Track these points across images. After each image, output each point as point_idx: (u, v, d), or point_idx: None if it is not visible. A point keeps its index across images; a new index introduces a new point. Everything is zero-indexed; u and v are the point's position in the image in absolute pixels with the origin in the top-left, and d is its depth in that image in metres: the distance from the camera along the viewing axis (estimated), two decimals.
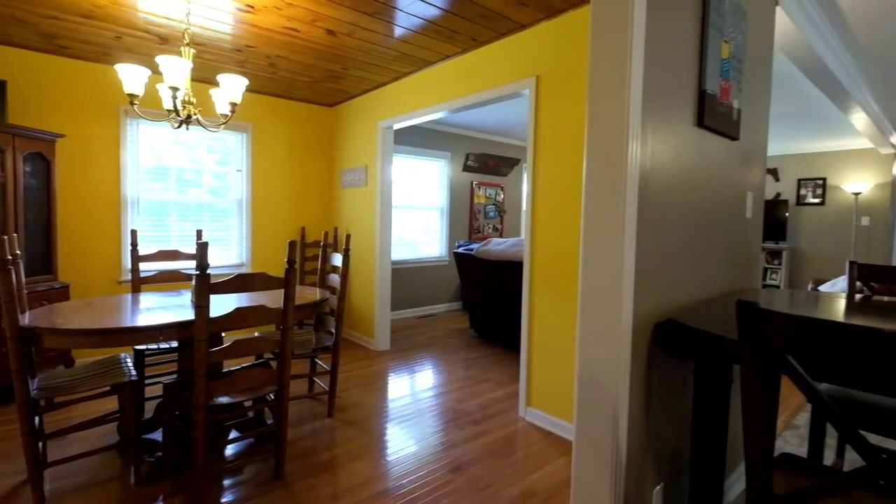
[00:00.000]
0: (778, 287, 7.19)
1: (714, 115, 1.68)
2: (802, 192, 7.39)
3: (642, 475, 1.38)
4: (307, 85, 4.13)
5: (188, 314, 1.90)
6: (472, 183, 6.51)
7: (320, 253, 3.40)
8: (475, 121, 5.75)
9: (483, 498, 1.92)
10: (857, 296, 1.93)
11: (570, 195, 2.56)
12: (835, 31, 3.02)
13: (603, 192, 1.28)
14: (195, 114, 2.37)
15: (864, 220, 6.84)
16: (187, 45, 2.39)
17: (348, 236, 2.90)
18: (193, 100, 2.36)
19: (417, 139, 5.78)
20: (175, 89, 2.11)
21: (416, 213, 5.95)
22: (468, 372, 3.60)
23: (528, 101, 2.86)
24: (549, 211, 2.67)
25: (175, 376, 2.44)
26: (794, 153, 7.48)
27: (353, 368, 3.61)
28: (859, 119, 4.69)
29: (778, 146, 7.05)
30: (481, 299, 4.58)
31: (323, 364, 2.95)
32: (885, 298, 1.98)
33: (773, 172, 7.71)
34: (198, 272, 1.66)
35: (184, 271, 2.80)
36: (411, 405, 2.91)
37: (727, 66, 1.76)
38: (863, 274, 1.94)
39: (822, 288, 4.47)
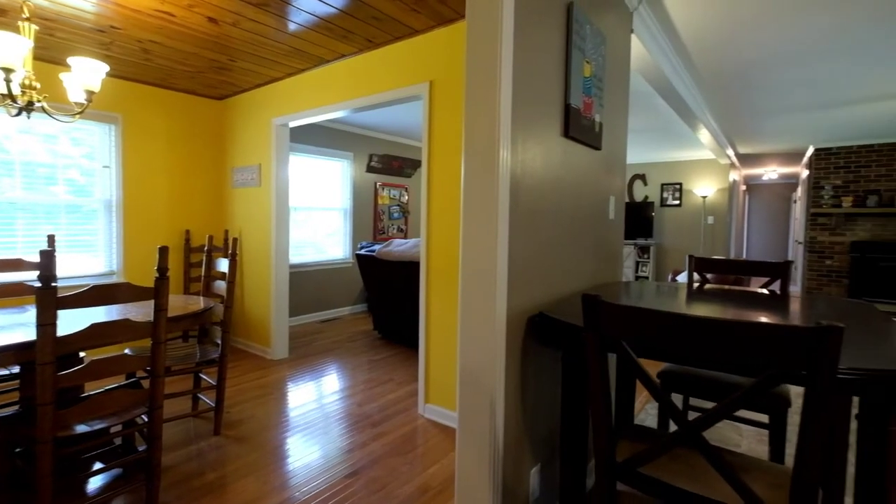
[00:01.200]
0: (647, 278, 8.20)
1: (578, 127, 1.89)
2: (665, 195, 8.52)
3: (519, 458, 1.51)
4: (189, 75, 3.79)
5: (33, 333, 1.65)
6: (375, 184, 6.47)
7: (204, 258, 3.15)
8: (378, 121, 5.73)
9: (379, 499, 1.94)
10: (696, 284, 2.29)
11: (460, 198, 2.68)
12: (680, 60, 3.53)
13: (478, 197, 1.37)
14: (39, 101, 2.06)
15: (710, 219, 8.10)
16: (27, 19, 2.06)
17: (235, 240, 2.73)
18: (37, 84, 2.05)
19: (318, 138, 5.60)
20: (8, 70, 1.82)
21: (318, 214, 5.76)
22: (371, 374, 3.58)
23: (422, 106, 2.93)
24: (444, 212, 2.77)
25: (17, 407, 2.10)
26: (658, 161, 8.58)
27: (245, 380, 3.40)
28: (704, 134, 5.53)
29: (645, 155, 8.03)
30: (384, 300, 4.58)
31: (209, 379, 2.74)
32: (722, 286, 2.38)
33: (642, 178, 8.78)
34: (40, 284, 1.45)
35: (31, 283, 2.41)
36: (309, 413, 2.82)
37: (589, 84, 1.98)
38: (698, 266, 2.31)
39: (680, 278, 5.19)
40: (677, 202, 8.38)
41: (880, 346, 1.11)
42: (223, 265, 2.78)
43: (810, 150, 6.94)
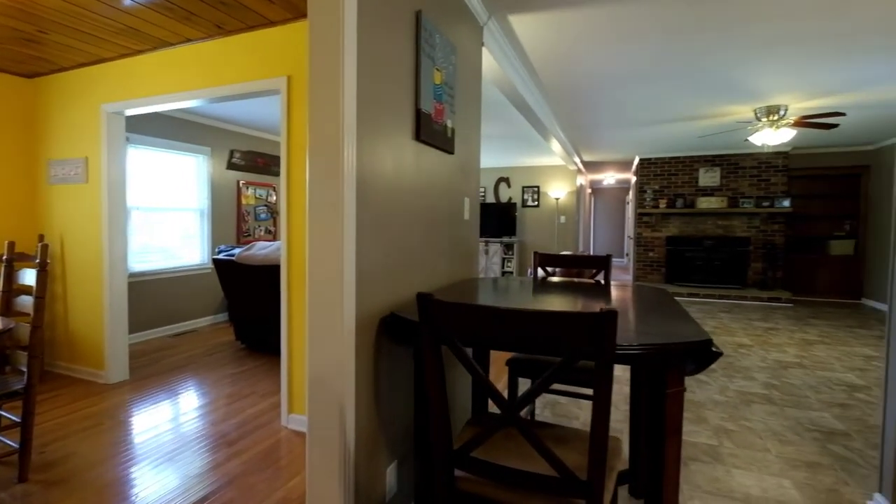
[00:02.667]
0: (512, 273, 8.93)
1: (430, 132, 1.97)
2: (525, 196, 9.35)
3: (374, 458, 1.52)
4: None
5: None
6: (238, 182, 5.95)
7: (2, 269, 2.57)
8: (240, 115, 5.26)
9: None
10: (541, 277, 2.56)
11: None
12: (528, 74, 3.91)
13: (323, 199, 1.35)
14: None
15: (562, 219, 9.12)
16: None
17: (45, 246, 2.28)
18: None
19: (167, 130, 4.95)
20: None
21: (169, 215, 5.09)
22: (232, 388, 3.29)
23: (281, 101, 2.78)
24: (303, 213, 2.66)
25: None
26: (519, 165, 9.37)
27: (69, 411, 2.86)
28: (554, 143, 6.20)
29: (509, 159, 8.72)
30: (247, 308, 4.24)
31: (11, 416, 2.24)
32: (565, 279, 2.68)
33: (506, 181, 9.52)
34: None
35: None
36: (152, 441, 2.49)
37: (440, 91, 2.08)
38: (541, 261, 2.58)
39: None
40: (536, 203, 9.27)
41: (662, 325, 1.36)
42: (28, 277, 2.30)
43: (637, 160, 8.23)
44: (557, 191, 9.07)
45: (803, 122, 4.59)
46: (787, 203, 7.03)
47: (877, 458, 2.26)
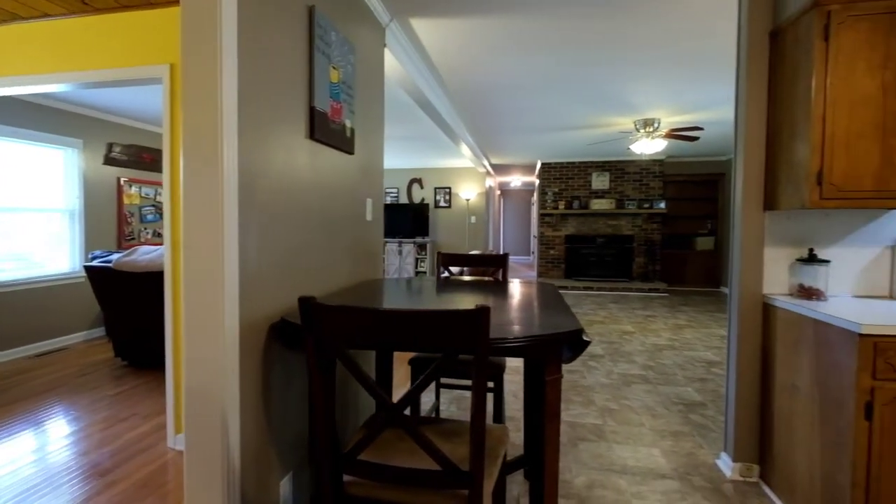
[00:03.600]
0: (425, 273, 9.03)
1: (327, 131, 1.93)
2: (438, 197, 9.52)
3: (266, 470, 1.46)
4: None
5: None
6: (119, 179, 5.29)
7: None
8: (120, 104, 4.67)
9: None
10: (446, 276, 2.63)
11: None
12: (433, 78, 3.98)
13: (200, 199, 1.26)
14: None
15: (473, 219, 9.44)
16: None
17: None
18: None
19: (21, 117, 4.24)
20: None
21: (29, 217, 4.36)
22: (109, 411, 2.92)
23: (162, 91, 2.53)
24: None
25: None
26: (432, 167, 9.51)
27: None
28: (463, 146, 6.39)
29: (421, 161, 8.80)
30: (129, 320, 3.80)
31: None
32: (476, 278, 2.77)
33: (419, 182, 9.62)
34: None
35: None
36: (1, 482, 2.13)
37: (337, 90, 2.04)
38: (444, 261, 2.65)
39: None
40: (448, 204, 9.47)
41: (544, 318, 1.47)
42: None
43: (539, 164, 8.77)
44: (468, 192, 9.35)
45: (672, 134, 5.24)
46: (662, 205, 7.97)
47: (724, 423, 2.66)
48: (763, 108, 2.12)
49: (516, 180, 12.21)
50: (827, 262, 1.94)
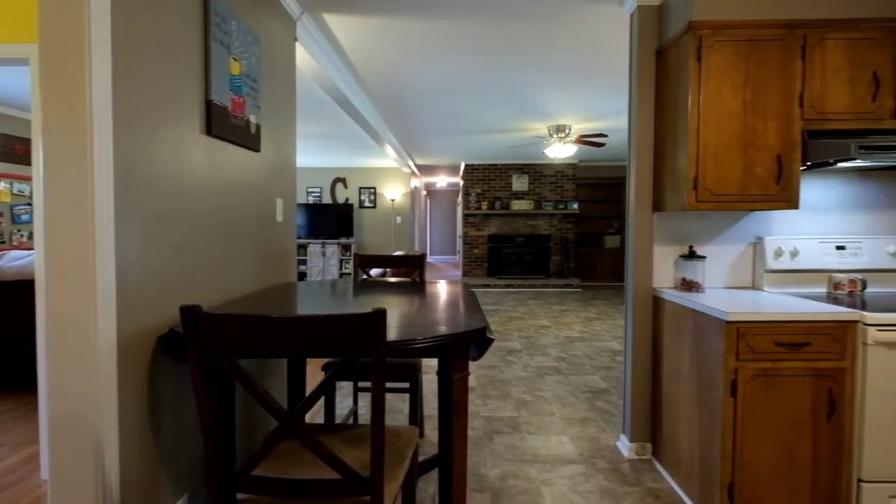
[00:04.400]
0: (349, 274, 8.84)
1: (227, 126, 1.80)
2: (362, 197, 9.36)
3: (153, 497, 1.33)
4: None
5: None
6: None
7: None
8: None
9: None
10: (362, 278, 2.58)
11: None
12: (352, 76, 3.90)
13: (65, 205, 1.12)
14: None
15: (398, 219, 9.41)
16: None
17: None
18: None
19: None
20: None
21: None
22: None
23: (31, 75, 2.21)
24: None
25: None
26: (356, 166, 9.32)
27: None
28: (387, 146, 6.33)
29: (344, 160, 8.59)
30: None
31: None
32: (388, 279, 2.74)
33: (343, 181, 9.38)
34: None
35: None
36: None
37: (239, 83, 1.92)
38: (362, 262, 2.61)
39: (373, 272, 5.74)
40: (373, 204, 9.34)
41: (454, 317, 1.49)
42: None
43: (463, 165, 8.95)
44: (393, 192, 9.28)
45: (581, 140, 5.60)
46: (576, 206, 8.51)
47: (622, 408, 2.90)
48: (651, 119, 2.34)
49: (442, 181, 12.36)
50: (703, 257, 2.19)
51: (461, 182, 9.42)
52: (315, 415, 2.75)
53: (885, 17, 1.97)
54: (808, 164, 2.01)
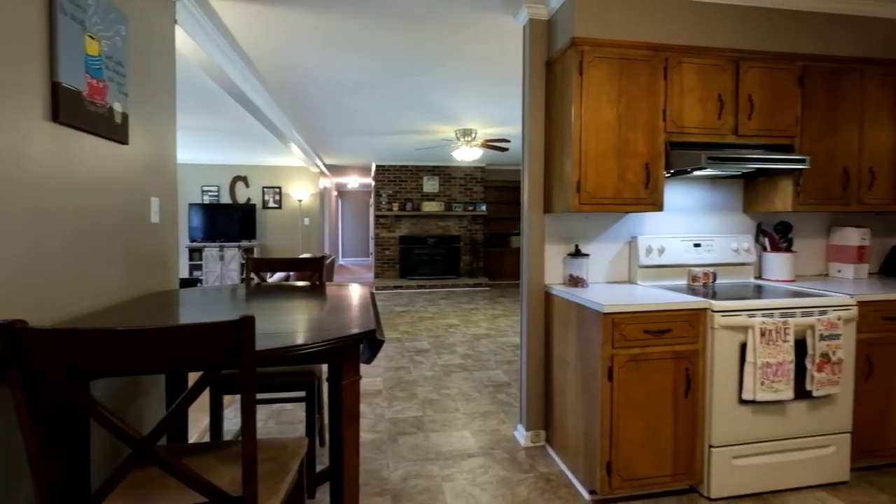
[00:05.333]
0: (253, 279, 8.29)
1: (81, 114, 1.58)
2: (266, 197, 8.82)
3: None
4: None
5: None
6: None
7: None
8: None
9: None
10: (256, 283, 2.42)
11: None
12: (248, 68, 3.65)
13: None
14: None
15: (306, 221, 9.02)
16: None
17: None
18: None
19: None
20: None
21: None
22: None
23: None
24: None
25: None
26: (258, 164, 8.76)
27: None
28: (292, 144, 6.02)
29: (245, 157, 8.02)
30: None
31: None
32: (278, 283, 2.59)
33: (244, 180, 8.76)
34: None
35: None
36: None
37: (99, 65, 1.69)
38: (256, 266, 2.45)
39: (274, 278, 5.45)
40: (277, 205, 8.85)
41: (341, 321, 1.45)
42: None
43: (374, 166, 8.84)
44: (300, 192, 8.87)
45: (486, 144, 5.82)
46: (484, 207, 8.83)
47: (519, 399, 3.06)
48: (542, 126, 2.49)
49: (354, 181, 12.08)
50: (587, 255, 2.38)
51: (373, 183, 9.29)
52: (205, 433, 2.53)
53: (726, 48, 2.30)
54: (672, 171, 2.28)
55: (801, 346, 1.97)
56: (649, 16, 2.25)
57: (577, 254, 2.38)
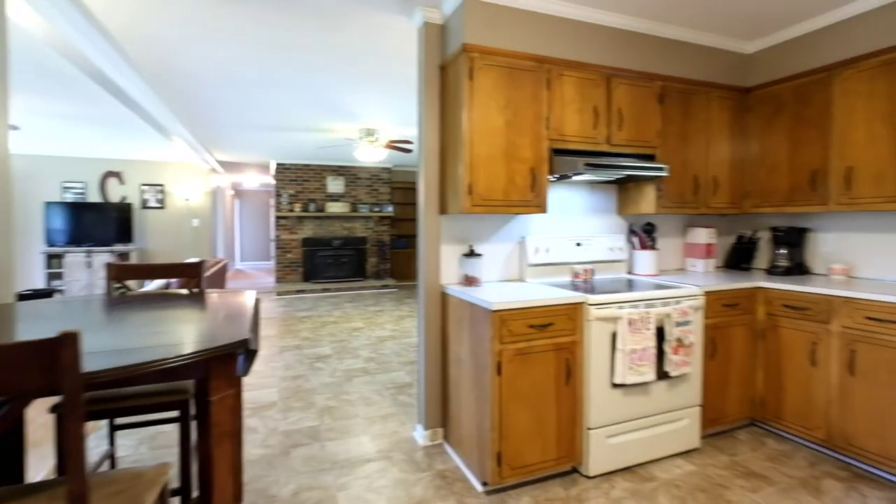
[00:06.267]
0: (125, 289, 7.36)
1: None
2: (146, 196, 7.88)
3: None
4: None
5: None
6: None
7: None
8: None
9: None
10: (121, 291, 2.13)
11: None
12: (113, 51, 3.22)
13: None
14: None
15: (196, 222, 8.23)
16: None
17: None
18: None
19: None
20: None
21: None
22: None
23: None
24: None
25: None
26: (136, 159, 7.79)
27: None
28: (176, 138, 5.44)
29: (119, 151, 7.08)
30: None
31: None
32: (149, 292, 2.31)
33: (118, 176, 7.74)
34: None
35: None
36: None
37: None
38: (118, 273, 2.16)
39: (152, 287, 4.89)
40: (160, 204, 7.94)
41: (210, 332, 1.33)
42: None
43: (274, 164, 8.34)
44: (188, 191, 8.05)
45: (390, 145, 5.79)
46: (391, 209, 8.79)
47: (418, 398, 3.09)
48: (437, 129, 2.53)
49: (252, 180, 11.28)
50: (481, 255, 2.46)
51: (274, 182, 8.75)
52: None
53: (601, 65, 2.53)
54: (557, 176, 2.44)
55: (660, 333, 2.23)
56: (534, 29, 2.39)
57: (472, 254, 2.45)
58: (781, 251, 2.85)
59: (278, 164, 8.29)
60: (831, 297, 2.27)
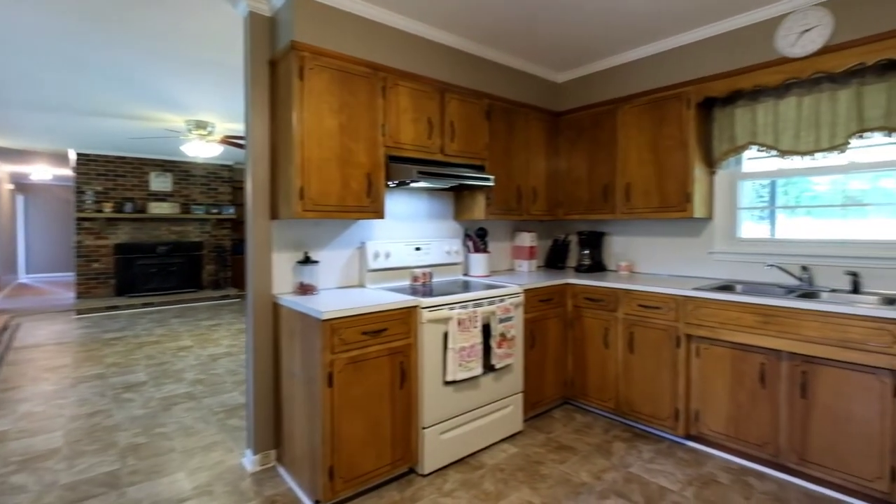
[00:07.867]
0: None
1: None
2: None
3: None
4: None
5: None
6: None
7: None
8: None
9: None
10: None
11: None
12: None
13: None
14: None
15: None
16: None
17: None
18: None
19: None
20: None
21: None
22: None
23: None
24: None
25: None
26: None
27: None
28: None
29: None
30: None
31: None
32: None
33: None
34: None
35: None
36: None
37: None
38: None
39: None
40: None
41: None
42: None
43: (74, 154, 6.85)
44: None
45: (225, 141, 5.24)
46: (232, 210, 7.95)
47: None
48: (267, 127, 2.35)
49: (43, 172, 9.09)
50: (317, 262, 2.36)
51: (74, 176, 7.17)
52: None
53: (435, 78, 2.65)
54: (395, 182, 2.47)
55: (487, 330, 2.43)
56: (369, 36, 2.39)
57: (307, 261, 2.33)
58: (585, 252, 3.36)
59: (80, 155, 6.84)
60: (616, 289, 2.75)
